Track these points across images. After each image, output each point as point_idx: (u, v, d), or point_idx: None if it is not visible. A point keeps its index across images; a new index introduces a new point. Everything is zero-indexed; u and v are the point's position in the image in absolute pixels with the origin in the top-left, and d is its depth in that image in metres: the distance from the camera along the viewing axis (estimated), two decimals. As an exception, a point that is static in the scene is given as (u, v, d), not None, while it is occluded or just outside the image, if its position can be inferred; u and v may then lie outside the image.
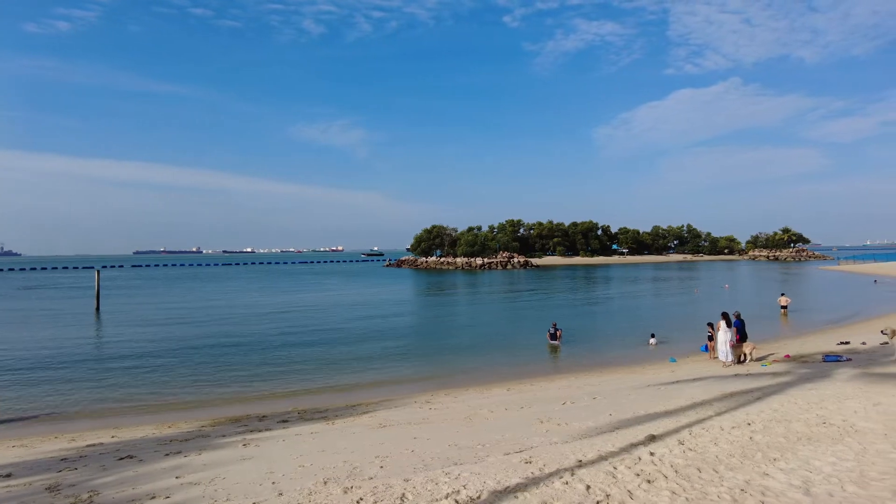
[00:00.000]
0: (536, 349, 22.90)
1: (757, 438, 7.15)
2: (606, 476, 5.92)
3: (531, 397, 13.92)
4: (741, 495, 5.17)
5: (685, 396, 11.32)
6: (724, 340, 16.83)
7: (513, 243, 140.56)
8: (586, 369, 18.84)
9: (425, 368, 19.54)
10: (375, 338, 26.19)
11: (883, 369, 12.82)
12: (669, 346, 22.65)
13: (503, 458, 7.34)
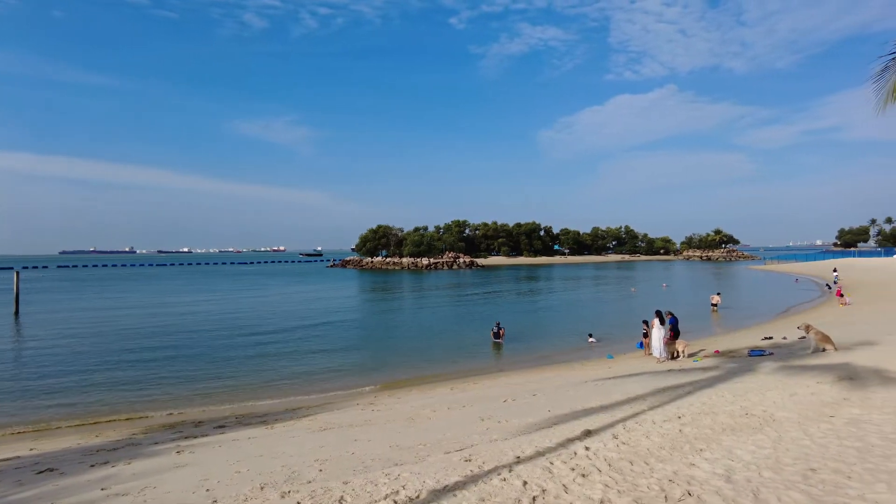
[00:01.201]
0: (480, 348, 23.16)
1: (686, 430, 7.48)
2: (543, 471, 6.05)
3: (474, 396, 14.05)
4: (669, 485, 5.40)
5: (621, 392, 11.70)
6: (659, 337, 17.53)
7: (459, 243, 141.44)
8: (528, 367, 19.20)
9: (369, 370, 19.39)
10: (318, 340, 25.76)
11: (800, 362, 13.65)
12: (607, 343, 23.37)
13: (444, 457, 7.38)
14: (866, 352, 14.26)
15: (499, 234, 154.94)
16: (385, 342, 25.49)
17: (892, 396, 8.92)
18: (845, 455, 6.09)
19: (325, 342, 25.04)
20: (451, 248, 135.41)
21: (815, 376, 11.10)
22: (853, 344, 15.84)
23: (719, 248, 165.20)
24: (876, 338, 16.93)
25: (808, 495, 5.00)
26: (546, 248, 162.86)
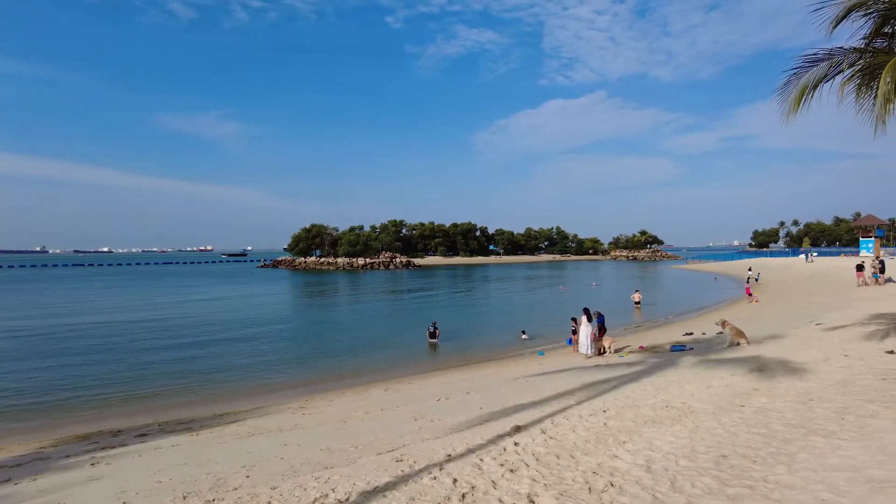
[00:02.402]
0: (416, 348, 23.15)
1: (610, 424, 7.77)
2: (473, 468, 6.12)
3: (408, 396, 14.03)
4: (592, 477, 5.59)
5: (550, 387, 12.01)
6: (586, 334, 18.12)
7: (395, 243, 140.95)
8: (462, 365, 19.36)
9: (301, 373, 18.95)
10: (247, 344, 24.93)
11: (717, 356, 14.48)
12: (539, 340, 23.94)
13: (375, 458, 7.32)
14: (774, 345, 15.30)
15: (435, 234, 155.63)
16: (318, 344, 25.00)
17: (794, 385, 9.62)
18: (752, 441, 6.51)
19: (254, 346, 24.26)
20: (388, 248, 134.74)
21: (729, 369, 11.81)
22: (763, 338, 16.95)
23: (645, 248, 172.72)
24: (783, 331, 18.19)
25: (718, 480, 5.31)
26: (482, 248, 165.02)
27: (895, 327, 15.55)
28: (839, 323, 18.04)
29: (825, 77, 10.56)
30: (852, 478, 5.22)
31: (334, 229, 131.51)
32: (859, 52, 10.39)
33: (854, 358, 11.81)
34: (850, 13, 10.31)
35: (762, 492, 5.01)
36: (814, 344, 14.38)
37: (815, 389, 9.26)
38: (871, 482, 5.09)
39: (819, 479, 5.23)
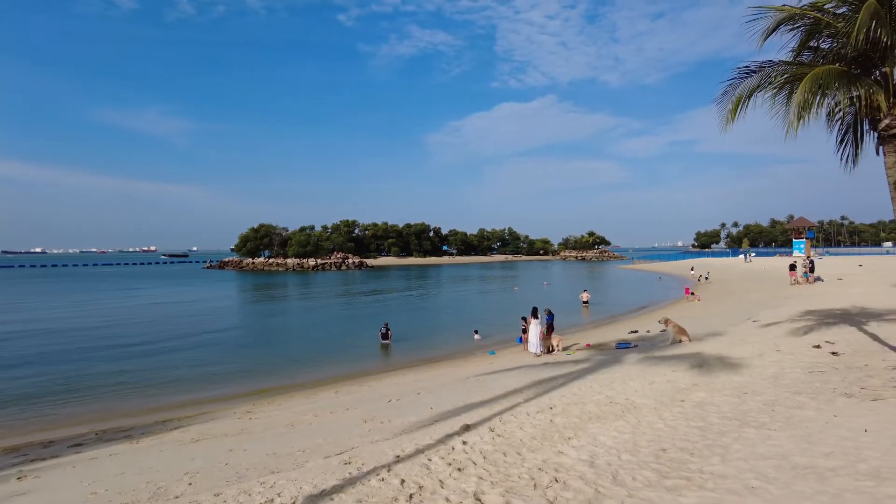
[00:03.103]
0: (368, 350, 22.96)
1: (556, 420, 7.94)
2: (421, 468, 6.13)
3: (358, 398, 13.92)
4: (538, 473, 5.70)
5: (500, 386, 12.15)
6: (536, 333, 18.43)
7: (347, 244, 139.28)
8: (415, 366, 19.34)
9: (248, 378, 18.47)
10: (192, 347, 24.15)
11: (660, 353, 14.99)
12: (491, 340, 24.17)
13: (323, 461, 7.24)
14: (714, 341, 15.97)
15: (389, 235, 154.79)
16: (266, 347, 24.49)
17: (731, 380, 10.08)
18: (690, 435, 6.78)
19: (199, 350, 23.52)
20: (340, 249, 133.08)
21: (671, 365, 12.25)
22: (704, 335, 17.66)
23: (593, 248, 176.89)
24: (722, 329, 19.01)
25: (657, 473, 5.51)
26: (435, 248, 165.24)
27: (821, 323, 16.49)
28: (773, 320, 19.00)
29: (758, 87, 11.07)
30: (779, 465, 5.52)
31: (284, 229, 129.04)
32: (787, 64, 10.96)
33: (785, 353, 12.48)
34: (780, 26, 10.85)
35: (698, 482, 5.23)
36: (750, 340, 15.09)
37: (750, 383, 9.73)
38: (796, 469, 5.39)
39: (749, 468, 5.51)
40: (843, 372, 10.10)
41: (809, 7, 10.64)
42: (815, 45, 11.18)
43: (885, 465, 5.32)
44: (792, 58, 11.06)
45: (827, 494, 4.75)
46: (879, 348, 12.14)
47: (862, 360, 11.01)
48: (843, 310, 19.53)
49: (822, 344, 13.06)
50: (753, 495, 4.83)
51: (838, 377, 9.68)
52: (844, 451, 5.80)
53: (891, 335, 13.48)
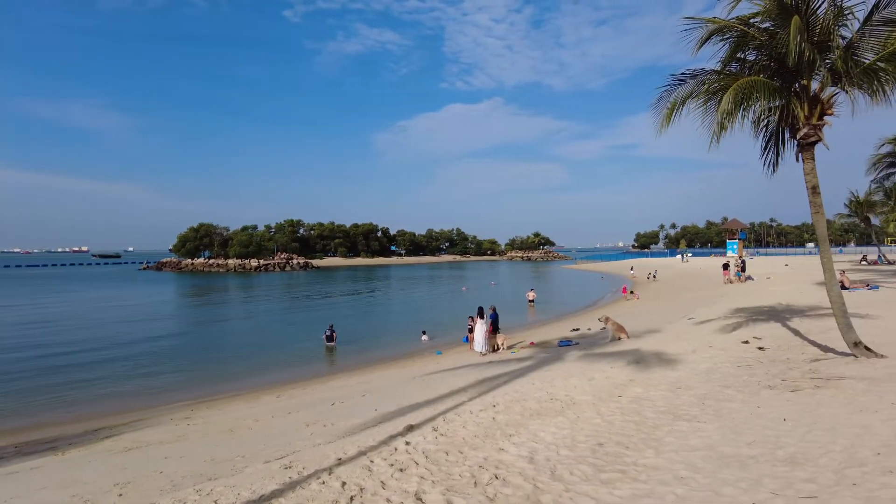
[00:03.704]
0: (312, 353, 22.56)
1: (499, 418, 8.05)
2: (363, 470, 6.09)
3: (301, 402, 13.68)
4: (479, 471, 5.77)
5: (446, 385, 12.21)
6: (481, 332, 18.62)
7: (292, 244, 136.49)
8: (361, 368, 19.16)
9: (187, 382, 17.82)
10: (126, 352, 23.07)
11: (600, 350, 15.45)
12: (438, 339, 24.23)
13: (263, 466, 7.08)
14: (651, 338, 16.58)
15: (335, 235, 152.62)
16: (207, 351, 23.70)
17: (666, 375, 10.49)
18: (626, 429, 7.02)
19: (133, 355, 22.49)
20: (284, 249, 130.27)
21: (610, 362, 12.64)
22: (642, 332, 18.30)
23: (538, 249, 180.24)
24: (660, 326, 19.77)
25: (594, 467, 5.68)
26: (383, 248, 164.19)
27: (751, 320, 17.40)
28: (707, 317, 19.90)
29: (691, 94, 11.60)
30: (707, 455, 5.79)
31: (225, 229, 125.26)
32: (717, 73, 11.53)
33: (717, 349, 13.09)
34: (712, 37, 11.39)
35: (632, 475, 5.42)
36: (685, 337, 15.75)
37: (683, 378, 10.16)
38: (722, 458, 5.67)
39: (680, 459, 5.76)
40: (768, 365, 10.69)
41: (737, 20, 11.20)
42: (743, 57, 11.79)
43: (799, 451, 5.67)
44: (721, 67, 11.62)
45: (747, 481, 5.02)
46: (800, 342, 12.92)
47: (785, 354, 11.70)
48: (770, 307, 20.67)
49: (750, 339, 13.79)
50: (682, 485, 5.06)
51: (763, 371, 10.25)
52: (765, 440, 6.15)
53: (811, 330, 14.37)
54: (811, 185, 10.97)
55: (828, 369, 9.71)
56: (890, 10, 9.93)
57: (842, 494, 4.63)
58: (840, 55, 10.41)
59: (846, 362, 10.07)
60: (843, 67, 10.36)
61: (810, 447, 5.84)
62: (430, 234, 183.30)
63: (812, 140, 10.83)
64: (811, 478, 5.04)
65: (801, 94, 10.93)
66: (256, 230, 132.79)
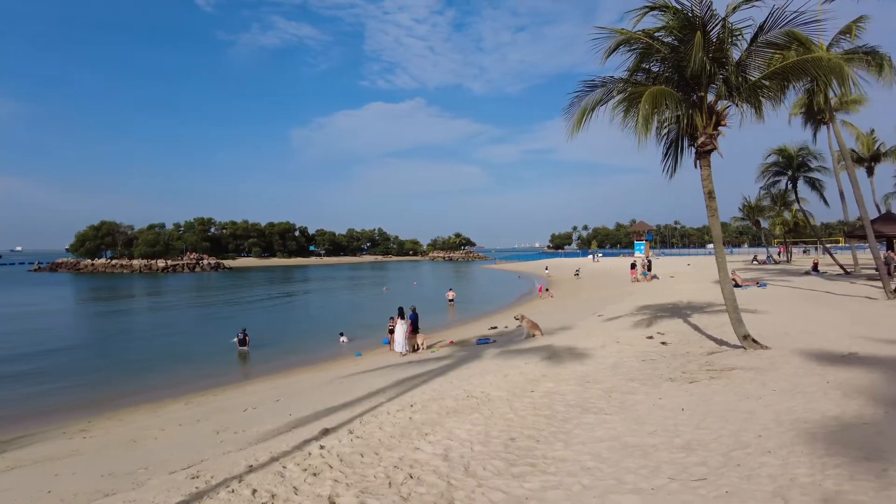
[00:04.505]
0: (224, 358, 21.59)
1: (415, 418, 8.07)
2: (275, 476, 5.92)
3: (212, 409, 13.09)
4: (394, 471, 5.76)
5: (364, 387, 12.09)
6: (401, 332, 18.61)
7: (203, 243, 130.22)
8: (276, 373, 18.58)
9: (84, 392, 16.49)
10: (13, 361, 21.12)
11: (516, 347, 15.85)
12: (357, 341, 23.91)
13: (167, 478, 6.71)
14: (564, 335, 17.22)
15: (250, 234, 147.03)
16: (107, 358, 22.12)
17: (576, 370, 10.93)
18: (538, 423, 7.26)
19: (22, 364, 20.61)
20: (194, 249, 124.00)
21: (524, 358, 13.00)
22: (555, 329, 18.97)
23: (459, 249, 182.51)
24: (572, 323, 20.57)
25: (506, 461, 5.83)
26: (301, 248, 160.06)
27: (655, 316, 18.48)
28: (615, 314, 20.92)
29: (601, 101, 12.19)
30: (612, 446, 6.09)
31: (129, 227, 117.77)
32: (624, 81, 12.18)
33: (623, 344, 13.79)
34: (619, 47, 12.01)
35: (541, 467, 5.61)
36: (594, 333, 16.48)
37: (592, 372, 10.63)
38: (626, 447, 5.99)
39: (587, 451, 6.02)
40: (670, 359, 11.40)
41: (643, 33, 11.86)
42: (648, 67, 12.51)
43: (694, 438, 6.10)
44: (628, 76, 12.28)
45: (648, 468, 5.34)
46: (699, 337, 13.88)
47: (685, 348, 12.52)
48: (673, 304, 22.05)
49: (654, 335, 14.64)
50: (588, 475, 5.30)
51: (665, 364, 10.92)
52: (665, 429, 6.56)
53: (708, 325, 15.45)
54: (707, 191, 11.82)
55: (721, 361, 10.49)
56: (772, 34, 10.87)
57: (728, 475, 5.02)
58: (733, 70, 11.32)
59: (737, 354, 10.93)
60: (736, 82, 11.27)
61: (704, 434, 6.29)
62: (351, 233, 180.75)
63: (708, 148, 11.68)
64: (703, 461, 5.43)
65: (699, 105, 11.75)
66: (164, 229, 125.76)
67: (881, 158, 40.80)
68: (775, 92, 11.76)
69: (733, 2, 11.06)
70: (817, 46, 18.64)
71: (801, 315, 16.38)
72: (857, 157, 39.63)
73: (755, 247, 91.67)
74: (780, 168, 39.81)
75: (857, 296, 20.94)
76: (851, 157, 35.34)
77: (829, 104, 26.47)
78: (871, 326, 13.32)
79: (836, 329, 13.21)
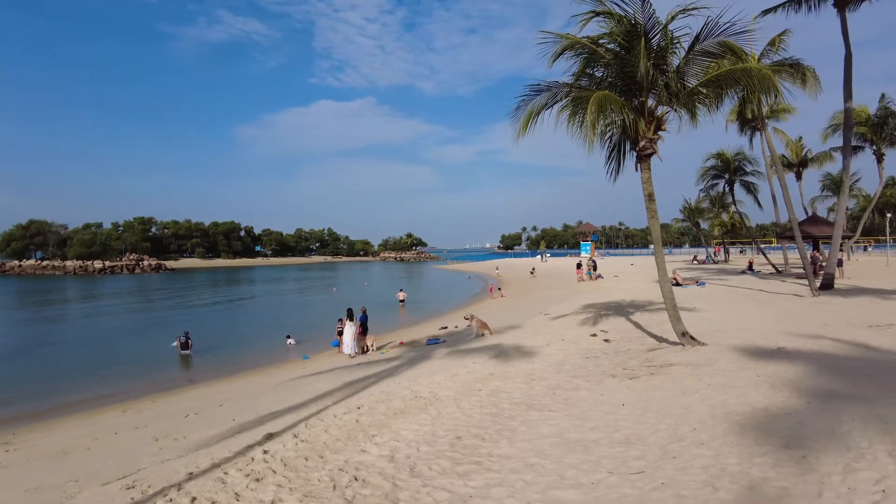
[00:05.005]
0: (165, 363, 20.77)
1: (362, 420, 8.01)
2: (216, 483, 5.76)
3: (151, 415, 12.58)
4: (338, 474, 5.71)
5: (311, 390, 11.90)
6: (350, 334, 18.42)
7: (143, 243, 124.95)
8: (220, 377, 18.04)
9: (10, 401, 15.55)
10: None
11: (465, 346, 15.96)
12: (305, 344, 23.48)
13: (100, 489, 6.43)
14: (512, 333, 17.46)
15: (193, 234, 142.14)
16: (36, 365, 20.91)
17: (523, 368, 11.11)
18: (484, 421, 7.34)
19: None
20: (134, 249, 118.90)
21: (473, 357, 13.12)
22: (504, 328, 19.20)
23: (411, 249, 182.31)
24: (520, 322, 20.87)
25: (452, 460, 5.87)
26: (247, 249, 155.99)
27: (599, 315, 18.99)
28: (561, 313, 21.38)
29: (546, 105, 12.44)
30: (555, 442, 6.23)
31: (62, 227, 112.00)
32: (569, 86, 12.48)
33: (569, 342, 14.11)
34: (565, 52, 12.30)
35: (486, 465, 5.68)
36: (541, 332, 16.79)
37: (538, 370, 10.83)
38: (568, 443, 6.14)
39: (531, 447, 6.14)
40: (612, 356, 11.75)
41: (588, 39, 12.19)
42: (592, 73, 12.86)
43: (633, 432, 6.31)
44: (573, 81, 12.58)
45: (589, 463, 5.49)
46: (640, 334, 14.36)
47: (626, 345, 12.93)
48: (617, 302, 22.73)
49: (598, 333, 15.05)
50: (531, 471, 5.40)
51: (608, 361, 11.24)
52: (606, 424, 6.76)
53: (649, 323, 16.01)
54: (647, 193, 12.25)
55: (661, 357, 10.90)
56: (707, 43, 11.38)
57: (664, 467, 5.23)
58: (673, 77, 11.78)
59: (675, 351, 11.38)
60: (675, 88, 11.73)
61: (643, 428, 6.52)
62: (300, 233, 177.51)
63: (649, 152, 12.10)
64: (641, 455, 5.63)
65: (640, 111, 12.15)
66: (101, 228, 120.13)
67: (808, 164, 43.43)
68: (711, 99, 12.33)
69: (672, 10, 11.51)
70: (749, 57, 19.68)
71: (736, 312, 17.20)
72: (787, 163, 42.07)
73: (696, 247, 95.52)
74: (718, 172, 41.78)
75: (786, 293, 22.16)
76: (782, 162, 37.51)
77: (761, 112, 27.93)
78: (798, 322, 14.13)
79: (766, 325, 13.94)
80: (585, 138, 11.60)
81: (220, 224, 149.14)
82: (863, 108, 34.79)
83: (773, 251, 55.69)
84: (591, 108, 11.12)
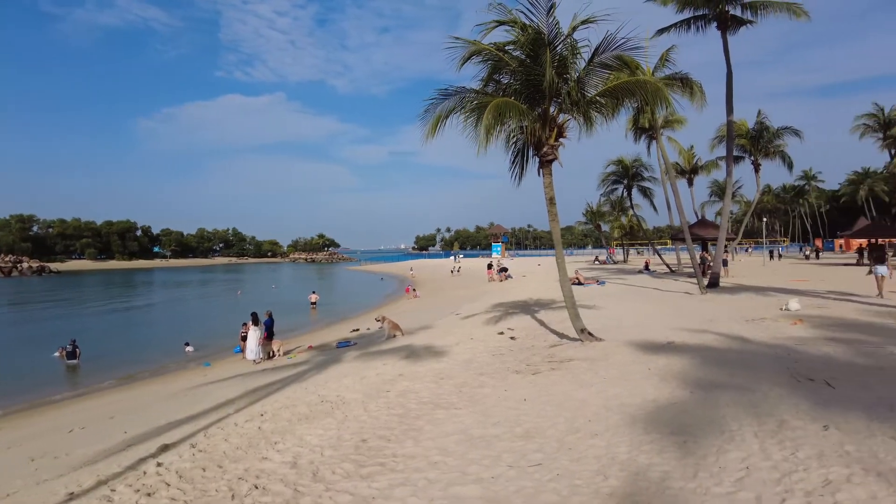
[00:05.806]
0: (49, 374, 19.05)
1: (265, 427, 7.77)
2: (100, 501, 5.38)
3: (27, 433, 11.48)
4: (238, 483, 5.51)
5: (212, 399, 11.37)
6: (255, 339, 17.78)
7: (22, 244, 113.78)
8: (112, 388, 16.82)
9: None
10: None
11: (376, 348, 15.87)
12: (207, 350, 22.37)
13: (-38, 518, 5.80)
14: (424, 334, 17.58)
15: (83, 234, 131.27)
16: None
17: (432, 367, 11.23)
18: (390, 422, 7.35)
19: None
20: (11, 250, 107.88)
21: (383, 359, 13.09)
22: (416, 328, 19.29)
23: (323, 250, 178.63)
24: (432, 322, 21.06)
25: (356, 463, 5.84)
26: (144, 250, 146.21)
27: (507, 313, 19.55)
28: (471, 312, 21.80)
29: (454, 109, 12.66)
30: (459, 439, 6.37)
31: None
32: (476, 92, 12.78)
33: (477, 340, 14.42)
34: (472, 57, 12.57)
35: (391, 466, 5.70)
36: (452, 331, 17.04)
37: (447, 369, 10.98)
38: (472, 440, 6.29)
39: (436, 446, 6.23)
40: (517, 353, 12.14)
41: (494, 46, 12.53)
42: (498, 79, 13.23)
43: (533, 426, 6.58)
44: (481, 87, 12.90)
45: (490, 458, 5.66)
46: (543, 332, 14.94)
47: (530, 342, 13.41)
48: (524, 301, 23.49)
49: (504, 331, 15.49)
50: (434, 469, 5.49)
51: (513, 358, 11.61)
52: (508, 419, 6.99)
53: (553, 320, 16.68)
54: (549, 197, 12.77)
55: (562, 353, 11.40)
56: (605, 56, 12.06)
57: (560, 459, 5.49)
58: (574, 86, 12.36)
59: (575, 346, 11.95)
60: (576, 97, 12.32)
61: (542, 421, 6.81)
62: (202, 233, 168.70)
63: (550, 158, 12.63)
64: (540, 448, 5.87)
65: (542, 118, 12.65)
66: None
67: (699, 171, 47.07)
68: (609, 108, 13.07)
69: (574, 21, 12.08)
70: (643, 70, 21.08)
71: (632, 309, 18.32)
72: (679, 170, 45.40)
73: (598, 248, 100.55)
74: (617, 177, 44.28)
75: (678, 291, 23.88)
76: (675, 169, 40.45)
77: (656, 122, 29.94)
78: (687, 318, 15.28)
79: (659, 321, 14.96)
80: (491, 143, 11.98)
81: (115, 223, 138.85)
82: (743, 122, 38.13)
83: (668, 252, 59.85)
84: (487, 114, 11.44)
